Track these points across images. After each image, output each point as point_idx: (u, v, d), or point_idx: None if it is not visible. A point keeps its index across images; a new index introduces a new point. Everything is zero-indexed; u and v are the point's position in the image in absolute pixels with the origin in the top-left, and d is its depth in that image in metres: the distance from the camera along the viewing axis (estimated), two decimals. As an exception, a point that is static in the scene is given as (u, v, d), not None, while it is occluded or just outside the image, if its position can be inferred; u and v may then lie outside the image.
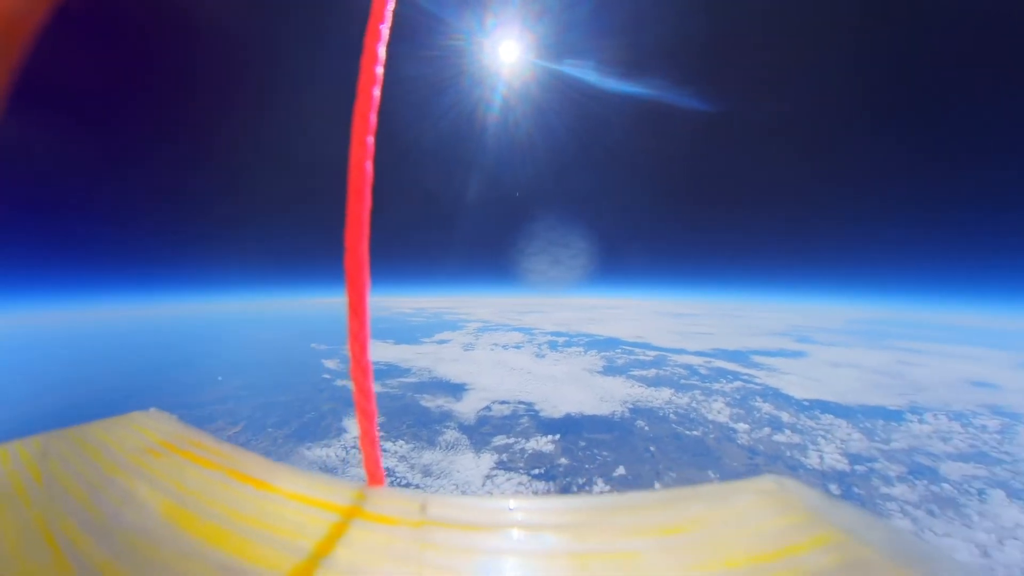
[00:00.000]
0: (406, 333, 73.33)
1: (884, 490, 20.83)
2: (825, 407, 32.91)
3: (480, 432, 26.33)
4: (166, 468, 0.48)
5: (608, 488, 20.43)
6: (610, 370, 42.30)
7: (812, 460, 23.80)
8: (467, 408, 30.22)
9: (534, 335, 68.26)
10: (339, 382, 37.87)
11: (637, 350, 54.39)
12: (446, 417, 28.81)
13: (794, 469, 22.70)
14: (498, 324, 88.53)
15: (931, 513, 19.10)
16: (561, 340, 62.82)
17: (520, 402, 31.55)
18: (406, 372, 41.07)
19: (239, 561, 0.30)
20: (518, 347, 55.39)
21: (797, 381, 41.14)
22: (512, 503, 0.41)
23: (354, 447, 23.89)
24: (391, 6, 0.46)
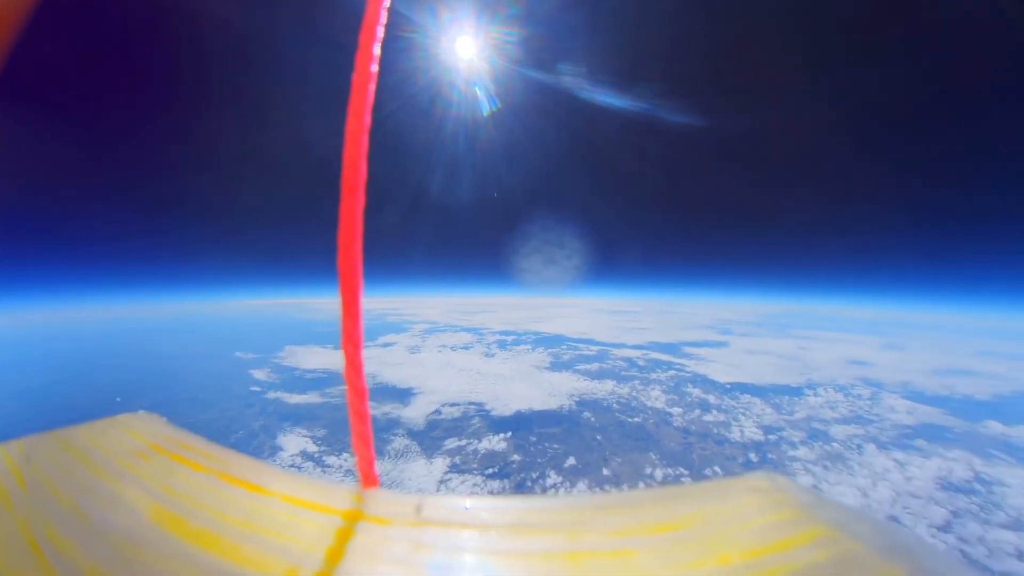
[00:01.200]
0: None
1: (790, 453, 24.45)
2: (743, 388, 37.39)
3: (430, 437, 25.66)
4: (154, 471, 0.47)
5: (560, 479, 21.10)
6: (557, 366, 43.66)
7: (735, 434, 26.80)
8: (415, 413, 29.24)
9: (483, 335, 68.03)
10: (271, 394, 34.39)
11: (581, 346, 56.79)
12: (393, 424, 27.60)
13: (720, 443, 25.36)
14: (446, 325, 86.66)
15: (825, 468, 22.85)
16: (510, 339, 63.36)
17: (470, 403, 31.27)
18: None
19: (230, 565, 0.30)
20: (467, 348, 54.79)
21: (720, 368, 46.14)
22: (508, 503, 0.41)
23: (293, 465, 21.98)
24: (386, 3, 0.46)
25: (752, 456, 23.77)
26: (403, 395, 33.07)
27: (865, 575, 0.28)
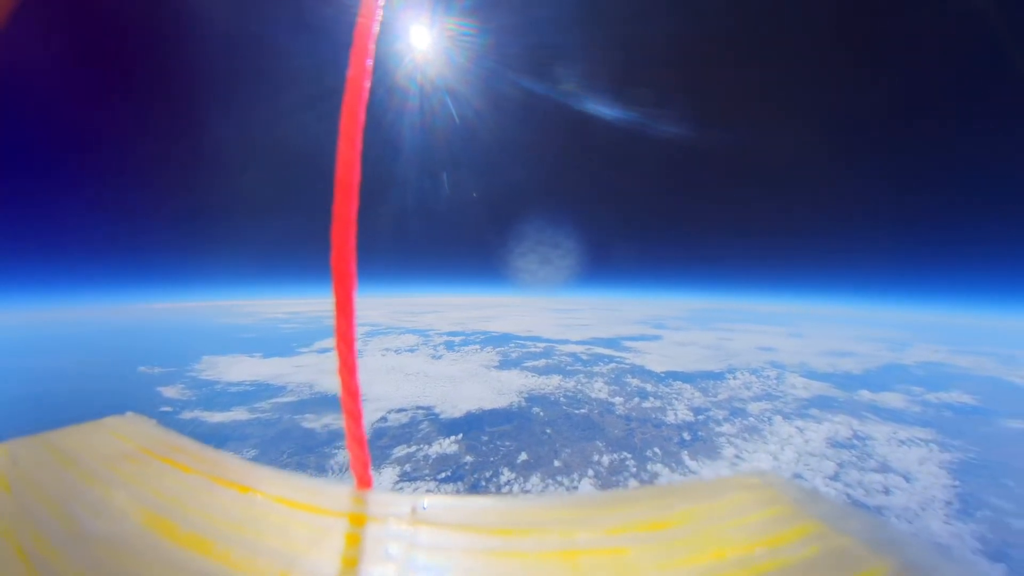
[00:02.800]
0: (278, 343, 62.74)
1: (717, 429, 27.34)
2: (676, 376, 40.91)
3: (378, 445, 24.44)
4: (143, 474, 0.46)
5: (514, 475, 21.34)
6: (506, 364, 44.05)
7: (670, 417, 29.19)
8: (360, 422, 27.65)
9: (429, 336, 66.26)
10: (187, 414, 30.20)
11: (529, 343, 57.92)
12: (336, 436, 25.85)
13: (658, 427, 27.47)
14: (390, 327, 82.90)
15: (744, 439, 26.00)
16: (458, 339, 62.50)
17: (418, 407, 30.32)
18: (280, 391, 35.27)
19: (222, 569, 0.29)
20: (412, 350, 52.91)
21: (655, 359, 50.01)
22: (502, 502, 0.41)
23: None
24: (382, 1, 0.46)
25: (685, 435, 26.12)
26: (345, 404, 31.08)
27: (855, 569, 0.29)
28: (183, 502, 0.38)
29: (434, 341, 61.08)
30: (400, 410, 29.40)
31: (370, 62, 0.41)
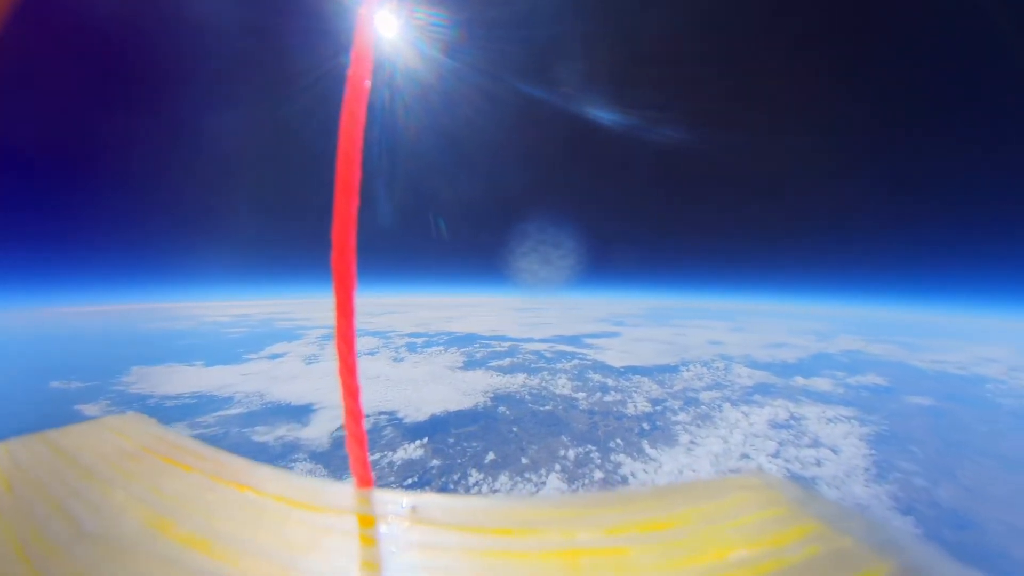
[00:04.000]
0: (222, 350, 57.71)
1: (673, 418, 28.91)
2: (635, 370, 42.78)
3: (338, 456, 23.29)
4: (144, 473, 0.46)
5: (482, 476, 21.25)
6: (471, 364, 43.74)
7: (630, 409, 30.44)
8: (317, 432, 26.21)
9: (390, 338, 64.17)
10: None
11: (494, 342, 57.92)
12: (292, 449, 24.35)
13: (620, 419, 28.56)
14: (347, 331, 79.16)
15: (698, 426, 27.80)
16: (420, 341, 61.14)
17: (381, 412, 29.31)
18: (226, 402, 32.55)
19: (223, 567, 0.29)
20: (373, 353, 50.94)
21: (615, 354, 51.98)
22: (503, 502, 0.41)
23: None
24: None
25: (645, 426, 27.38)
26: (300, 413, 29.30)
27: (855, 570, 0.29)
28: (183, 501, 0.38)
29: (395, 343, 59.23)
30: (361, 416, 28.26)
31: (371, 62, 0.41)
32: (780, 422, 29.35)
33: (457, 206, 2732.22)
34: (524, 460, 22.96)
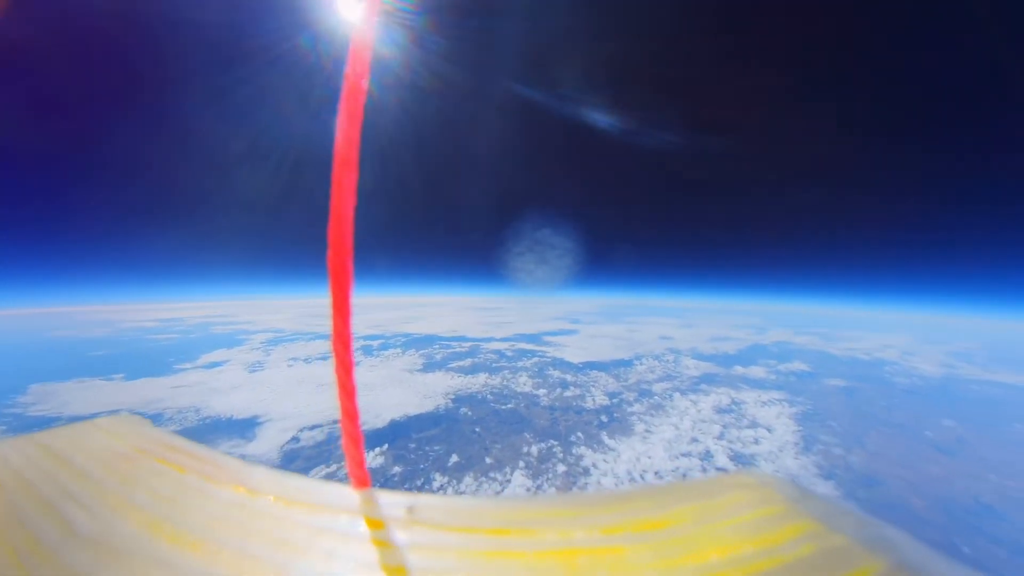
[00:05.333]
0: (148, 360, 51.59)
1: (629, 410, 30.39)
2: (592, 365, 44.39)
3: (291, 469, 21.66)
4: (138, 474, 0.45)
5: (446, 479, 20.89)
6: (430, 366, 42.82)
7: (589, 403, 31.48)
8: (266, 446, 24.30)
9: (345, 343, 61.07)
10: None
11: (454, 343, 57.18)
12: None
13: (579, 413, 29.42)
14: (296, 333, 73.98)
15: (652, 415, 29.40)
16: (377, 343, 58.85)
17: (335, 421, 27.83)
18: (154, 421, 28.59)
19: (218, 569, 0.29)
20: (325, 357, 48.28)
21: (573, 351, 53.52)
22: (499, 502, 0.41)
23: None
24: None
25: (603, 418, 28.48)
26: (245, 427, 26.97)
27: (849, 567, 0.29)
28: (178, 502, 0.38)
29: (350, 347, 56.53)
30: (314, 427, 26.57)
31: (368, 61, 0.41)
32: (723, 407, 32.08)
33: (420, 204, 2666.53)
34: (488, 460, 22.93)
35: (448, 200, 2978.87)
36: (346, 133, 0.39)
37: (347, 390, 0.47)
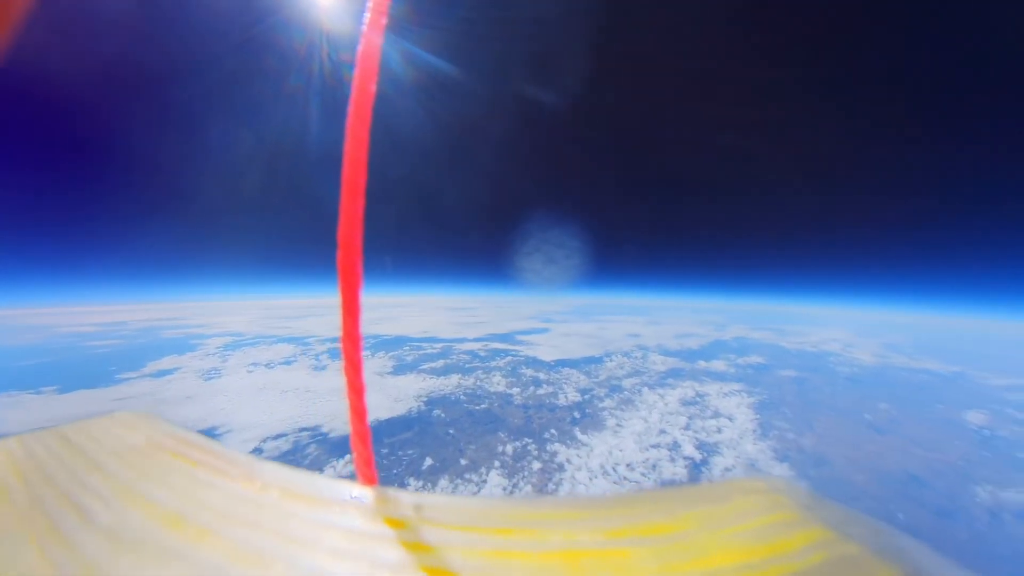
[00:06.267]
0: (86, 369, 46.75)
1: (600, 405, 31.17)
2: (564, 363, 45.14)
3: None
4: (152, 468, 0.47)
5: (421, 483, 20.52)
6: (401, 368, 41.91)
7: (561, 400, 31.96)
8: (223, 456, 22.78)
9: (309, 344, 58.55)
10: None
11: (425, 345, 56.25)
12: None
13: (552, 410, 29.82)
14: (257, 336, 69.82)
15: (622, 410, 30.31)
16: (344, 347, 56.70)
17: (302, 429, 26.66)
18: None
19: (228, 562, 0.30)
20: (289, 362, 45.81)
21: (546, 349, 54.19)
22: (505, 503, 0.41)
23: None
24: None
25: (576, 414, 29.02)
26: (199, 437, 25.19)
27: None
28: (191, 496, 0.39)
29: (315, 349, 54.14)
30: (279, 436, 25.27)
31: (377, 63, 0.41)
32: (689, 400, 33.68)
33: (386, 202, 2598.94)
34: (463, 461, 22.77)
35: (416, 199, 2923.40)
36: (355, 134, 0.40)
37: (356, 388, 0.47)
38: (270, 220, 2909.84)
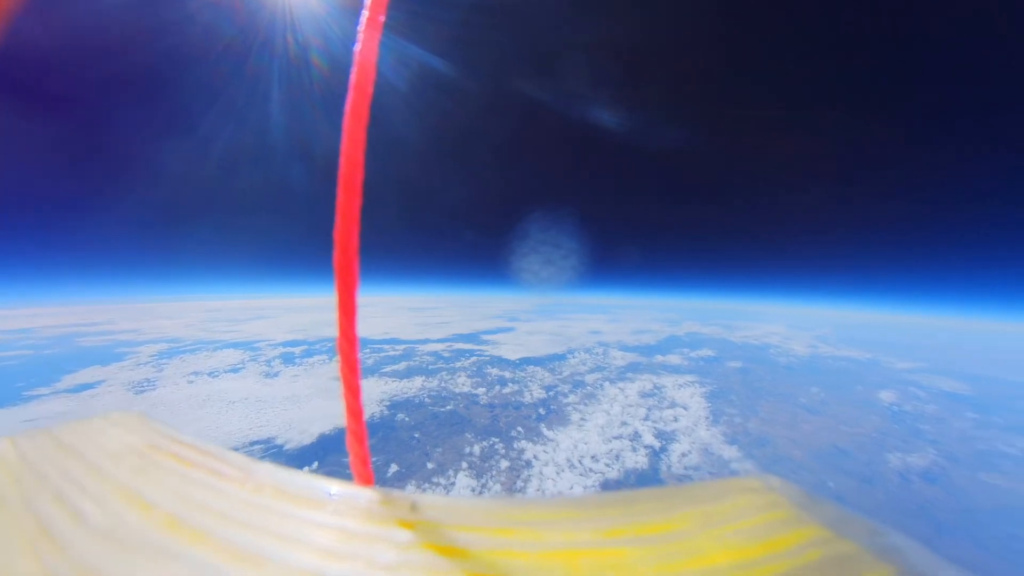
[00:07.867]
0: None
1: (564, 401, 31.90)
2: (529, 361, 45.71)
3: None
4: (148, 469, 0.46)
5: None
6: (362, 372, 40.36)
7: (527, 398, 32.26)
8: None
9: (259, 349, 54.64)
10: None
11: (386, 346, 54.54)
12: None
13: (518, 408, 30.03)
14: (198, 342, 64.43)
15: (586, 405, 31.21)
16: (298, 350, 53.73)
17: (254, 442, 24.96)
18: None
19: (223, 563, 0.29)
20: (236, 370, 42.31)
21: (510, 348, 54.51)
22: (503, 502, 0.41)
23: None
24: None
25: (541, 411, 29.43)
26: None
27: (856, 575, 0.29)
28: (186, 497, 0.39)
29: (266, 355, 50.72)
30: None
31: (375, 63, 0.41)
32: (647, 392, 35.38)
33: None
34: (430, 465, 22.36)
35: (384, 198, 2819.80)
36: (352, 134, 0.40)
37: (352, 388, 0.47)
38: (213, 214, 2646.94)
